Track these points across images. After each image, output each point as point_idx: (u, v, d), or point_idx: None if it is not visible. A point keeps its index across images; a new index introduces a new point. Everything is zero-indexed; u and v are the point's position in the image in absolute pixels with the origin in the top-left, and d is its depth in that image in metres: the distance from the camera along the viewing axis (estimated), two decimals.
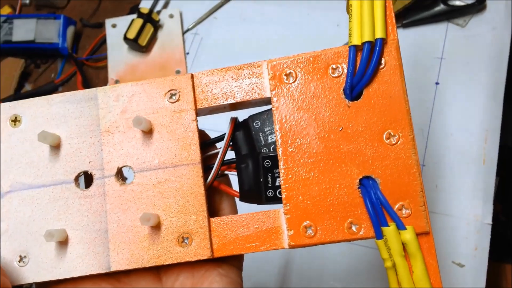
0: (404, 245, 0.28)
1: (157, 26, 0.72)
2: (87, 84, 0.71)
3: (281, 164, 0.29)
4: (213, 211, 0.32)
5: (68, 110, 0.31)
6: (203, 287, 0.30)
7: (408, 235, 0.27)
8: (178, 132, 0.30)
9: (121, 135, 0.30)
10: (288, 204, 0.29)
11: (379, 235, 0.28)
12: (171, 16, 0.73)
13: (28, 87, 0.75)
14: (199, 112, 0.31)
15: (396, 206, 0.28)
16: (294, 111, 0.30)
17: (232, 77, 0.31)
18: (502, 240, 0.61)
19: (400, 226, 0.28)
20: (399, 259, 0.27)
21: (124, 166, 0.30)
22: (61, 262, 0.29)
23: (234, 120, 0.33)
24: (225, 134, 0.32)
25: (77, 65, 0.72)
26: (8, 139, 0.31)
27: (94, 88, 0.31)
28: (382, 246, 0.28)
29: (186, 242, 0.29)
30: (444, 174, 0.55)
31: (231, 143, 0.32)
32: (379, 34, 0.29)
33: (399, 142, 0.29)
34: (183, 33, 0.73)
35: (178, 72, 0.69)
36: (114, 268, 0.29)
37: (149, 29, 0.70)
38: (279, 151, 0.29)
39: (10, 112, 0.31)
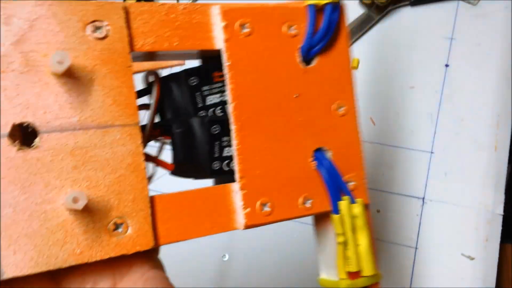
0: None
1: None
2: None
3: (234, 131, 0.25)
4: None
5: None
6: None
7: (358, 208, 0.27)
8: (107, 81, 0.22)
9: (17, 76, 0.21)
10: (244, 178, 0.25)
11: (336, 209, 0.27)
12: None
13: None
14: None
15: (344, 179, 0.28)
16: (250, 70, 0.26)
17: (173, 18, 0.25)
18: None
19: (351, 200, 0.28)
20: (349, 233, 0.27)
21: (23, 123, 0.21)
22: None
23: (156, 75, 0.26)
24: (150, 88, 0.26)
25: None
26: None
27: None
28: (337, 221, 0.27)
29: (120, 230, 0.22)
30: (453, 161, 0.53)
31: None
32: None
33: (347, 114, 0.29)
34: None
35: None
36: (8, 274, 0.20)
37: None
38: (232, 116, 0.25)
39: None
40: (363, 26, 0.58)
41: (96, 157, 0.22)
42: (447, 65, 0.58)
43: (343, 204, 0.27)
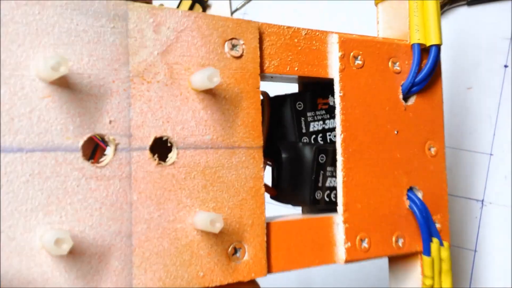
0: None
1: (205, 6, 0.65)
2: None
3: (341, 163, 0.26)
4: None
5: (76, 25, 0.19)
6: None
7: (446, 252, 0.28)
8: (238, 100, 0.23)
9: (160, 88, 0.21)
10: (347, 212, 0.26)
11: (428, 251, 0.28)
12: None
13: None
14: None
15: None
16: (359, 102, 0.27)
17: (296, 42, 0.25)
18: None
19: (440, 243, 0.29)
20: (437, 277, 0.28)
21: (163, 137, 0.21)
22: (55, 282, 0.18)
23: (267, 96, 0.27)
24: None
25: None
26: None
27: (123, 0, 0.20)
28: (429, 263, 0.28)
29: (237, 255, 0.22)
30: None
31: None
32: (437, 40, 0.29)
33: (437, 155, 0.30)
34: (232, 13, 0.65)
35: None
36: None
37: (198, 9, 0.60)
38: (341, 148, 0.26)
39: None
40: None
41: (223, 178, 0.22)
42: (506, 66, 0.58)
43: (434, 246, 0.28)
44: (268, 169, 0.27)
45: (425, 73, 0.29)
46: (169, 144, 0.21)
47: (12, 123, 0.17)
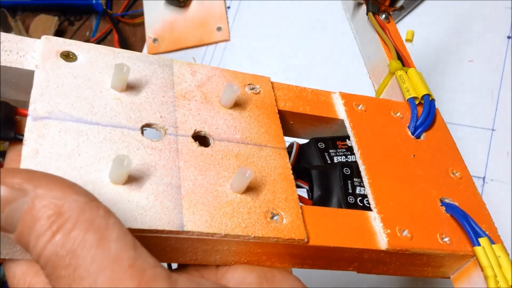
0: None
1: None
2: (125, 42, 0.68)
3: (364, 170, 0.30)
4: None
5: (138, 67, 0.28)
6: None
7: (500, 249, 0.28)
8: (261, 118, 0.30)
9: (198, 104, 0.28)
10: (379, 205, 0.28)
11: (476, 242, 0.28)
12: None
13: None
14: None
15: None
16: (369, 133, 0.32)
17: (305, 95, 0.33)
18: None
19: (491, 241, 0.29)
20: (497, 269, 0.27)
21: (201, 131, 0.27)
22: (119, 208, 0.22)
23: (297, 143, 0.33)
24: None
25: (112, 22, 0.70)
26: (53, 67, 0.26)
27: (170, 58, 0.30)
28: (481, 253, 0.28)
29: (276, 219, 0.25)
30: None
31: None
32: (426, 91, 0.36)
33: (463, 177, 0.33)
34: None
35: (219, 29, 0.65)
36: (189, 227, 0.23)
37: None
38: (360, 159, 0.30)
39: (63, 47, 0.27)
40: None
41: (255, 163, 0.27)
42: (509, 37, 0.55)
43: (483, 240, 0.28)
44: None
45: (424, 114, 0.35)
46: (207, 137, 0.27)
47: (92, 109, 0.25)
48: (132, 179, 0.23)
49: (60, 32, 0.74)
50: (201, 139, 0.27)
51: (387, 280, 0.48)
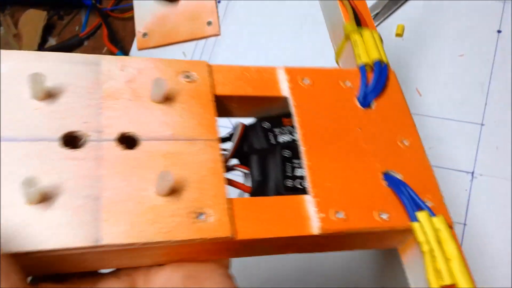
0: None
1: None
2: (114, 38, 0.69)
3: (303, 152, 0.29)
4: None
5: (62, 69, 0.28)
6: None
7: (439, 221, 0.28)
8: (194, 109, 0.29)
9: (126, 102, 0.28)
10: (315, 188, 0.28)
11: (414, 217, 0.28)
12: None
13: (52, 41, 0.70)
14: None
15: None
16: (313, 109, 0.31)
17: (247, 75, 0.32)
18: None
19: (431, 214, 0.29)
20: (435, 244, 0.27)
21: (128, 133, 0.27)
22: (33, 229, 0.23)
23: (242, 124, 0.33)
24: (231, 134, 0.32)
25: (101, 17, 0.70)
26: None
27: (97, 55, 0.30)
28: (418, 228, 0.28)
29: (202, 218, 0.26)
30: (506, 134, 0.51)
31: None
32: (377, 56, 0.34)
33: (412, 145, 0.32)
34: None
35: (209, 23, 0.66)
36: (106, 241, 0.24)
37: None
38: (301, 140, 0.30)
39: None
40: None
41: (184, 160, 0.27)
42: (499, 31, 0.55)
43: (422, 213, 0.28)
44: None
45: (373, 82, 0.33)
46: (135, 138, 0.27)
47: (11, 124, 0.25)
48: (48, 197, 0.24)
49: (49, 27, 0.74)
50: (130, 141, 0.27)
51: (387, 281, 0.49)
